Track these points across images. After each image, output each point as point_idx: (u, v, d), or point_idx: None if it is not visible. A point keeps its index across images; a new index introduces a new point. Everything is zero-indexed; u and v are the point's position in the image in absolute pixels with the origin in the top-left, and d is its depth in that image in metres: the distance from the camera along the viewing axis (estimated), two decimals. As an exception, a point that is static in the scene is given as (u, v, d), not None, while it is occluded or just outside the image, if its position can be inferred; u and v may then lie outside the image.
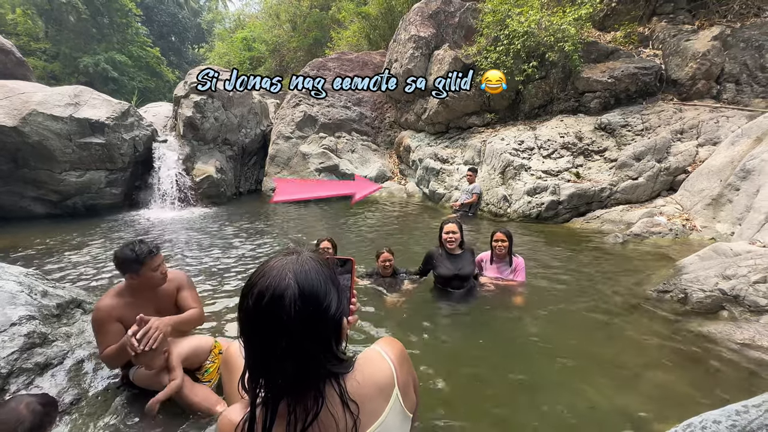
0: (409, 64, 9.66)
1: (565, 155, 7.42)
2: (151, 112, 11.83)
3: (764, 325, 2.88)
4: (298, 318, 0.68)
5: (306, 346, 0.69)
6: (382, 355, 0.84)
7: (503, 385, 2.60)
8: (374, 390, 0.77)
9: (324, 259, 0.79)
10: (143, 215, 8.86)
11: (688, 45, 7.62)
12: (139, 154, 9.51)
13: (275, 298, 0.69)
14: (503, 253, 3.89)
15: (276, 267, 0.73)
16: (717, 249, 4.03)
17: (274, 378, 0.71)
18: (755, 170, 4.93)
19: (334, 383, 0.74)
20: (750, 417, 1.23)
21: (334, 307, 0.73)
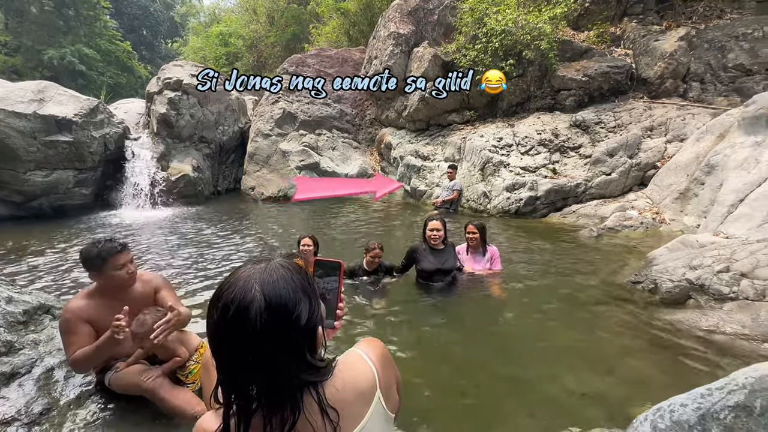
0: (389, 61, 9.65)
1: (542, 152, 7.59)
2: (122, 109, 11.40)
3: (727, 312, 3.04)
4: (265, 330, 0.67)
5: (275, 357, 0.68)
6: (363, 358, 0.84)
7: (485, 376, 2.66)
8: (355, 395, 0.77)
9: (297, 265, 0.78)
10: (116, 216, 8.54)
11: (656, 45, 7.91)
12: (110, 152, 9.16)
13: (240, 311, 0.67)
14: (476, 244, 4.05)
15: (242, 278, 0.71)
16: (684, 241, 4.22)
17: (245, 390, 0.69)
18: (718, 165, 5.19)
19: (312, 391, 0.73)
20: (713, 399, 1.30)
21: (305, 318, 0.71)
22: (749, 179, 4.49)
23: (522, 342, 3.12)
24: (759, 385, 1.21)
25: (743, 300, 3.04)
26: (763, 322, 2.81)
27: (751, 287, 3.05)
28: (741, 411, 1.21)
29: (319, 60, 12.57)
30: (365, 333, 3.22)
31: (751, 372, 1.28)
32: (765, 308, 2.88)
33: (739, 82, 7.33)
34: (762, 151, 4.68)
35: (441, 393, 2.49)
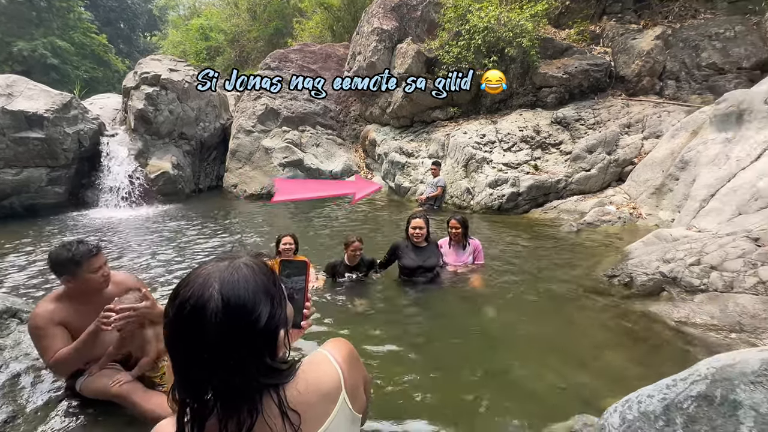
0: (372, 57, 9.60)
1: (524, 148, 7.68)
2: (97, 104, 11.04)
3: (698, 303, 3.14)
4: (221, 331, 0.65)
5: (232, 359, 0.66)
6: (328, 359, 0.83)
7: (465, 372, 2.68)
8: (318, 396, 0.76)
9: (263, 265, 0.76)
10: (91, 215, 8.28)
11: (634, 43, 8.08)
12: (85, 149, 8.87)
13: (196, 310, 0.65)
14: (458, 238, 4.08)
15: (202, 276, 0.69)
16: (658, 235, 4.34)
17: (201, 391, 0.68)
18: (692, 161, 5.34)
19: (272, 394, 0.71)
20: (678, 390, 1.33)
21: (264, 320, 0.69)
22: (720, 174, 4.64)
23: (502, 337, 3.16)
24: (719, 375, 1.25)
25: (713, 292, 3.15)
26: (731, 313, 2.91)
27: (720, 279, 3.16)
28: (702, 401, 1.24)
29: (303, 55, 12.42)
30: (346, 330, 3.21)
31: (713, 362, 1.32)
32: (732, 299, 2.98)
33: (712, 80, 7.55)
34: (732, 147, 4.83)
35: (420, 389, 2.50)
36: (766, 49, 7.23)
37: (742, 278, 3.07)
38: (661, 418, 1.32)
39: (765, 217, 3.73)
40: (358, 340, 3.09)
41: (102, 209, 8.71)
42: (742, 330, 2.83)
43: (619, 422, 1.45)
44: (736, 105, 4.98)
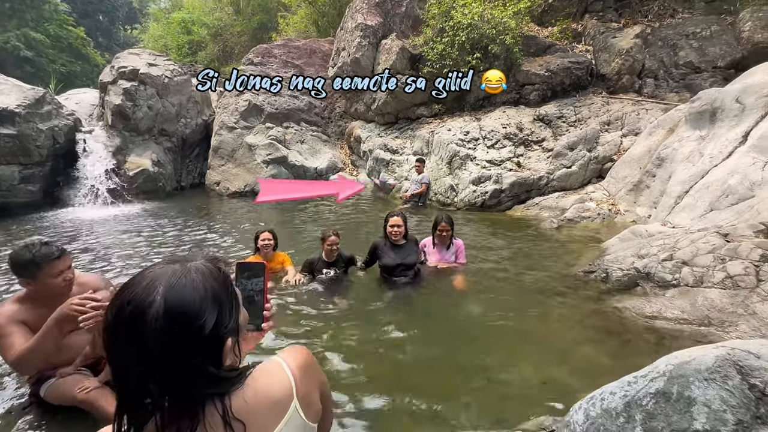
0: (356, 53, 9.52)
1: (507, 145, 7.74)
2: (73, 100, 10.70)
3: (669, 298, 3.22)
4: (161, 337, 0.63)
5: (172, 367, 0.64)
6: (281, 366, 0.81)
7: (445, 368, 2.70)
8: (266, 405, 0.74)
9: (217, 270, 0.74)
10: (67, 214, 8.04)
11: (614, 42, 8.20)
12: (60, 146, 8.59)
13: (135, 314, 0.63)
14: (446, 240, 4.05)
15: (147, 278, 0.67)
16: (634, 231, 4.43)
17: (138, 399, 0.65)
18: (668, 158, 5.46)
19: (216, 403, 0.69)
20: (638, 387, 1.35)
21: (209, 328, 0.67)
22: (693, 171, 4.75)
23: (481, 333, 3.19)
24: (677, 372, 1.27)
25: (684, 286, 3.22)
26: (700, 307, 2.99)
27: (690, 274, 3.24)
28: (660, 397, 1.26)
29: (287, 50, 12.26)
30: (322, 328, 3.19)
31: (671, 359, 1.35)
32: (702, 294, 3.06)
33: (688, 78, 7.72)
34: (705, 144, 4.95)
35: (397, 386, 2.50)
36: (739, 48, 7.42)
37: (711, 273, 3.15)
38: (622, 415, 1.34)
39: (734, 213, 3.83)
40: (334, 337, 3.08)
41: (78, 208, 8.46)
42: (710, 324, 2.90)
43: (583, 419, 1.47)
44: (709, 103, 5.10)
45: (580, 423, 1.48)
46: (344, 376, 2.62)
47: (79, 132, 9.07)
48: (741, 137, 4.53)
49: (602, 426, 1.38)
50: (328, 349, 2.93)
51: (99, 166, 8.78)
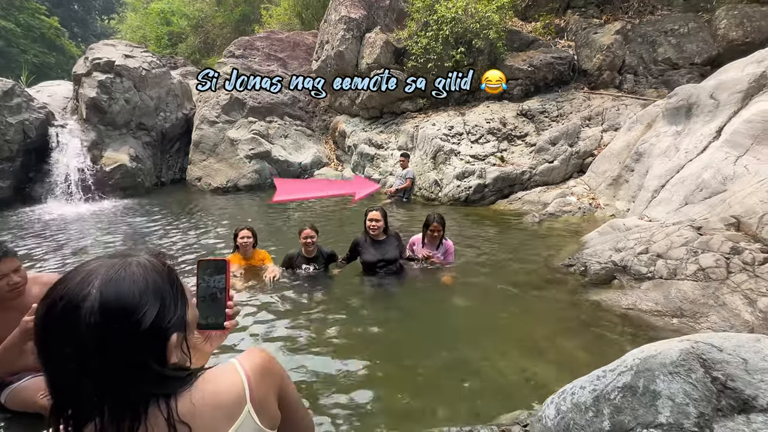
0: (340, 47, 9.39)
1: (491, 140, 7.77)
2: (45, 92, 10.28)
3: (644, 290, 3.28)
4: (96, 332, 0.60)
5: (109, 364, 0.61)
6: (235, 368, 0.77)
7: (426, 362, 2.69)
8: (215, 408, 0.70)
9: (160, 264, 0.71)
10: (40, 211, 7.76)
11: (596, 38, 8.29)
12: (31, 140, 8.27)
13: (68, 309, 0.60)
14: (437, 239, 3.94)
15: (83, 272, 0.64)
16: (613, 225, 4.50)
17: (74, 400, 0.62)
18: (646, 153, 5.56)
19: (160, 404, 0.66)
20: (607, 381, 1.35)
21: (149, 321, 0.64)
22: (670, 166, 4.85)
23: (461, 327, 3.20)
24: (643, 366, 1.28)
25: (658, 279, 3.29)
26: (673, 299, 3.06)
27: (665, 267, 3.30)
28: (627, 391, 1.27)
29: (269, 43, 12.02)
30: (301, 326, 3.15)
31: (639, 353, 1.36)
32: (675, 286, 3.13)
33: (666, 75, 7.87)
34: (681, 139, 5.05)
35: (377, 381, 2.50)
36: (715, 45, 7.59)
37: (684, 266, 3.22)
38: (591, 409, 1.35)
39: (708, 206, 3.92)
40: (310, 334, 3.05)
41: (52, 205, 8.16)
42: (682, 315, 2.97)
43: (554, 414, 1.48)
44: (685, 99, 5.20)
45: (551, 417, 1.48)
46: (321, 373, 2.59)
47: (52, 126, 8.73)
48: (715, 132, 4.64)
49: (572, 420, 1.39)
50: (304, 346, 2.90)
51: (73, 162, 8.48)
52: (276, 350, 2.83)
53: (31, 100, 8.52)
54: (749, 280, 2.91)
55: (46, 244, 5.54)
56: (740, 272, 2.97)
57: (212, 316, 0.88)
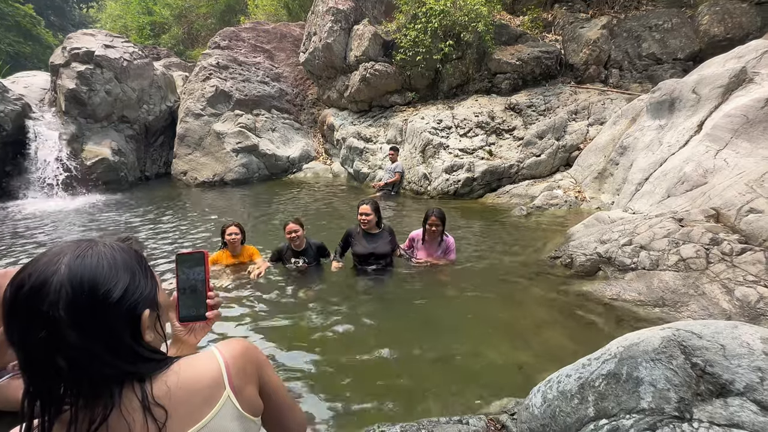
0: (328, 38, 9.27)
1: (479, 134, 7.81)
2: (21, 83, 9.91)
3: (628, 281, 3.36)
4: (64, 307, 0.60)
5: (80, 338, 0.61)
6: (214, 354, 0.77)
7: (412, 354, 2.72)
8: (191, 392, 0.70)
9: (127, 247, 0.72)
10: (18, 206, 7.52)
11: (582, 32, 8.36)
12: (7, 133, 7.98)
13: (37, 286, 0.60)
14: (436, 235, 3.86)
15: (50, 254, 0.64)
16: (598, 217, 4.59)
17: (48, 380, 0.61)
18: (630, 147, 5.66)
19: (135, 386, 0.65)
20: (591, 369, 1.38)
21: (119, 294, 0.64)
22: (653, 159, 4.95)
23: (449, 319, 3.22)
24: (626, 354, 1.31)
25: (641, 270, 3.37)
26: (655, 289, 3.14)
27: (647, 258, 3.38)
28: (611, 378, 1.30)
29: (255, 34, 11.81)
30: (287, 318, 3.14)
31: (622, 341, 1.39)
32: (657, 276, 3.21)
33: (651, 69, 8.00)
34: (664, 133, 5.16)
35: (367, 373, 2.51)
36: (698, 41, 7.73)
37: (666, 256, 3.31)
38: (576, 396, 1.38)
39: (689, 199, 4.02)
40: (300, 326, 3.04)
41: (30, 200, 7.93)
42: (664, 304, 3.06)
43: (541, 402, 1.50)
44: (668, 94, 5.29)
45: (537, 405, 1.51)
46: (309, 365, 2.60)
47: (29, 118, 8.43)
48: (696, 126, 4.75)
49: (558, 408, 1.42)
50: (291, 339, 2.90)
51: (52, 155, 8.22)
52: (262, 343, 2.82)
53: (6, 92, 8.20)
54: (727, 270, 3.00)
55: (22, 241, 5.38)
56: (719, 262, 3.07)
57: (194, 307, 0.89)
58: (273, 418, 0.85)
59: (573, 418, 1.34)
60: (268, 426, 0.86)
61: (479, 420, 1.73)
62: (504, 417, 1.73)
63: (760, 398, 1.03)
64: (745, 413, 1.02)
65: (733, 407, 1.04)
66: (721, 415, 1.05)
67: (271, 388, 0.84)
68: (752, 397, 1.04)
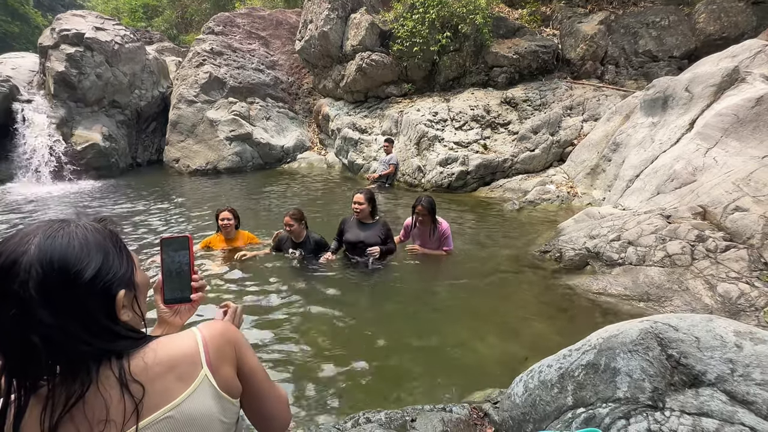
0: (324, 27, 9.15)
1: (474, 127, 7.80)
2: (9, 64, 9.66)
3: (615, 276, 3.41)
4: (35, 286, 0.60)
5: (53, 318, 0.61)
6: (193, 334, 0.77)
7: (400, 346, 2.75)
8: (167, 369, 0.70)
9: (101, 227, 0.72)
10: (4, 191, 7.40)
11: (580, 27, 8.33)
12: (-6, 116, 7.81)
13: (6, 265, 0.60)
14: (425, 222, 3.88)
15: (22, 234, 0.64)
16: (588, 213, 4.63)
17: (23, 357, 0.62)
18: (623, 144, 5.69)
19: (112, 362, 0.66)
20: (572, 359, 1.41)
21: (91, 274, 0.64)
22: (645, 156, 4.99)
23: (438, 311, 3.26)
24: (605, 345, 1.34)
25: (628, 265, 3.43)
26: (641, 284, 3.20)
27: (634, 253, 3.44)
28: (590, 369, 1.34)
29: (251, 20, 11.61)
30: (278, 308, 3.15)
31: (602, 333, 1.42)
32: (643, 272, 3.27)
33: (646, 67, 8.01)
34: (657, 131, 5.19)
35: (354, 362, 2.54)
36: (693, 39, 7.75)
37: (653, 252, 3.36)
38: (556, 386, 1.41)
39: (677, 196, 4.07)
40: (287, 315, 3.06)
41: (17, 185, 7.80)
42: (649, 299, 3.12)
43: (522, 391, 1.54)
44: (662, 91, 5.32)
45: (519, 394, 1.55)
46: (295, 351, 2.62)
47: (17, 101, 8.26)
48: (688, 124, 4.78)
49: (538, 397, 1.45)
50: (277, 326, 2.92)
51: (40, 140, 8.08)
52: (246, 327, 2.84)
53: (-7, 73, 8.01)
54: (711, 267, 3.06)
55: (3, 227, 5.31)
56: (703, 259, 3.13)
57: (179, 290, 0.91)
58: (253, 405, 0.84)
59: (552, 407, 1.38)
60: (250, 414, 0.85)
61: (462, 408, 1.77)
62: (487, 406, 1.77)
63: (730, 389, 1.06)
64: (714, 403, 1.05)
65: (704, 397, 1.08)
66: (692, 404, 1.08)
67: (249, 369, 0.83)
68: (722, 388, 1.08)
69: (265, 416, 0.86)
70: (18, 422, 0.62)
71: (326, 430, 1.62)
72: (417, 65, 8.76)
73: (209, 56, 10.23)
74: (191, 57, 10.42)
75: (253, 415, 0.86)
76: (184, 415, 0.69)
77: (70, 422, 0.63)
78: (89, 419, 0.64)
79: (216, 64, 10.19)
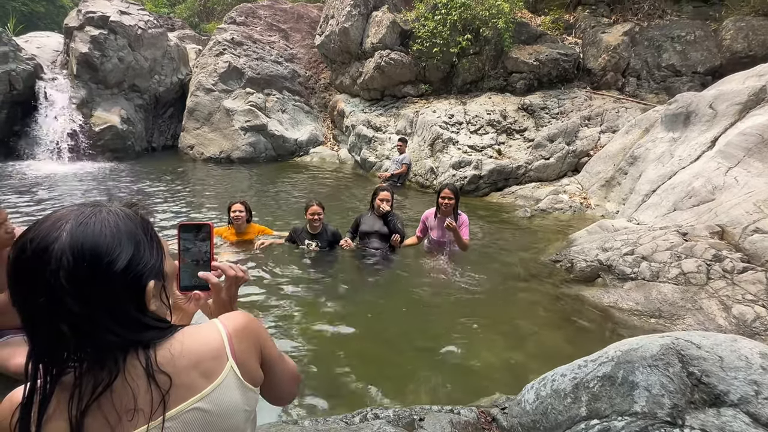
0: (345, 23, 9.16)
1: (490, 132, 7.76)
2: (34, 43, 9.84)
3: (626, 290, 3.37)
4: (67, 274, 0.60)
5: (85, 307, 0.61)
6: (216, 326, 0.77)
7: (406, 347, 2.75)
8: (195, 361, 0.70)
9: (134, 214, 0.71)
10: (23, 167, 7.54)
11: (603, 37, 8.24)
12: (18, 92, 7.96)
13: (38, 251, 0.60)
14: (448, 211, 3.82)
15: (54, 218, 0.63)
16: (602, 225, 4.58)
17: (53, 345, 0.62)
18: (640, 157, 5.62)
19: (139, 353, 0.66)
20: (587, 370, 1.40)
21: (123, 264, 0.63)
22: (663, 172, 4.92)
23: (446, 314, 3.25)
24: (624, 358, 1.33)
25: (641, 280, 3.38)
26: (653, 300, 3.15)
27: (648, 269, 3.39)
28: (606, 381, 1.32)
29: (272, 12, 11.67)
30: (291, 300, 3.17)
31: (621, 346, 1.41)
32: (656, 288, 3.23)
33: (669, 81, 7.90)
34: (677, 146, 5.12)
35: (361, 361, 2.54)
36: (719, 56, 7.62)
37: (667, 269, 3.31)
38: (569, 396, 1.40)
39: (695, 214, 4.01)
40: (300, 308, 3.08)
41: (36, 161, 7.94)
42: (660, 316, 3.07)
43: (533, 398, 1.53)
44: (684, 107, 5.24)
45: (530, 402, 1.54)
46: (305, 347, 2.63)
47: (40, 79, 8.41)
48: (710, 142, 4.71)
49: (550, 405, 1.44)
50: (289, 319, 2.93)
51: (61, 119, 8.21)
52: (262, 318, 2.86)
53: (19, 50, 8.16)
54: (727, 287, 3.01)
55: (26, 198, 5.42)
56: (719, 279, 3.07)
57: (195, 277, 0.88)
58: (269, 386, 0.86)
59: (564, 417, 1.37)
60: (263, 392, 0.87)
61: (470, 411, 1.76)
62: (495, 410, 1.76)
63: (754, 411, 1.05)
64: (737, 424, 1.04)
65: (726, 417, 1.06)
66: (713, 423, 1.07)
67: (271, 359, 0.85)
68: (746, 409, 1.06)
69: (278, 395, 0.90)
70: (43, 409, 0.62)
71: (334, 422, 1.63)
72: (435, 66, 8.74)
73: (229, 46, 10.31)
74: (212, 46, 10.51)
75: (265, 392, 0.88)
76: (211, 406, 0.69)
77: (98, 410, 0.63)
78: (117, 408, 0.64)
79: (236, 54, 10.26)
